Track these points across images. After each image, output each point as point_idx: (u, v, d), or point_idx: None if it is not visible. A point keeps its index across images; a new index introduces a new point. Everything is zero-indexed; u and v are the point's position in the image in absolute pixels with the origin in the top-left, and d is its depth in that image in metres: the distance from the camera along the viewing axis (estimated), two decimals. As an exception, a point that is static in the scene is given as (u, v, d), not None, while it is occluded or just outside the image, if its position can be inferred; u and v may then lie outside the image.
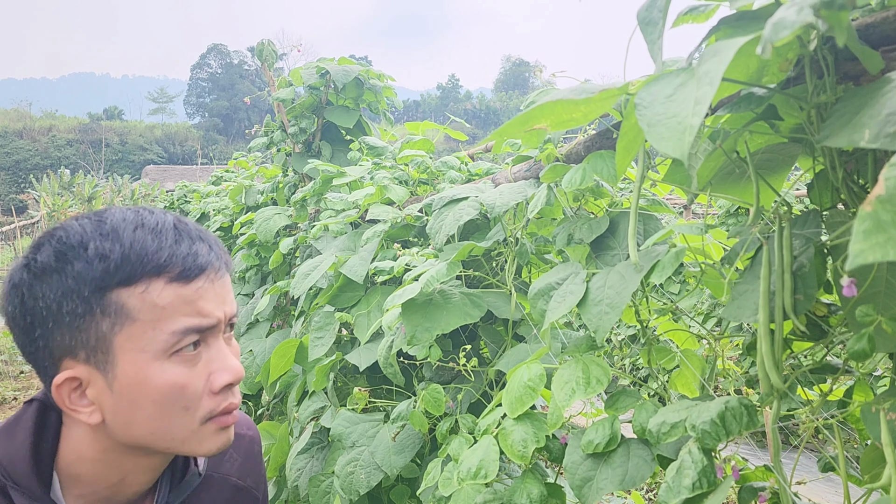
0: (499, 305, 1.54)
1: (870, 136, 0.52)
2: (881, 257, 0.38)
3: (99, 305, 0.71)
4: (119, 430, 0.75)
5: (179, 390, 0.74)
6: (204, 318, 0.75)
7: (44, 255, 0.72)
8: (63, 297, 0.71)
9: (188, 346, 0.74)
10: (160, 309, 0.72)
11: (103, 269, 0.71)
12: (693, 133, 0.53)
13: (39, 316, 0.71)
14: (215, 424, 0.78)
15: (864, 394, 0.88)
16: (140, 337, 0.72)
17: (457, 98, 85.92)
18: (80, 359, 0.73)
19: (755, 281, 0.73)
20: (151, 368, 0.73)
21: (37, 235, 0.74)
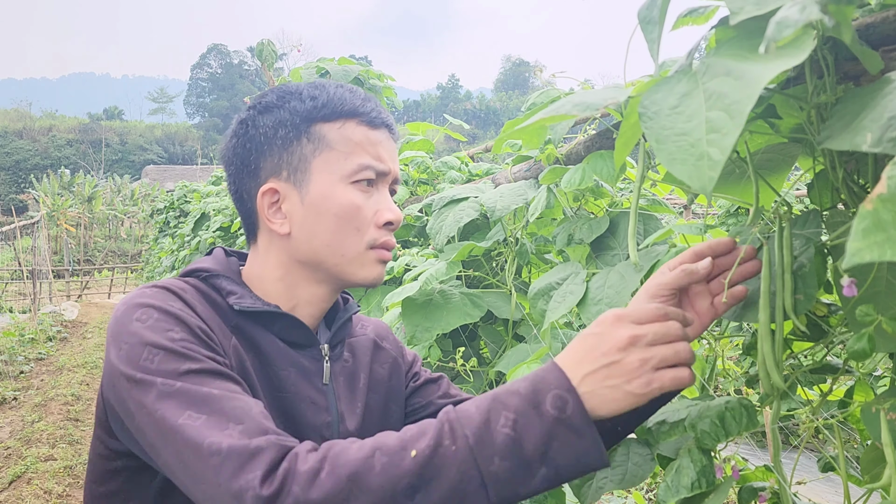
0: (499, 305, 1.54)
1: (872, 141, 0.52)
2: (878, 256, 0.38)
3: (305, 133, 0.89)
4: (302, 242, 0.91)
5: (355, 210, 0.89)
6: (381, 162, 0.91)
7: (269, 97, 0.92)
8: (279, 124, 0.90)
9: (365, 180, 0.90)
10: (352, 143, 0.89)
11: (312, 105, 0.90)
12: (716, 168, 0.50)
13: (258, 140, 0.91)
14: (376, 254, 0.92)
15: (864, 394, 0.88)
16: (333, 162, 0.89)
17: (457, 98, 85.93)
18: (282, 178, 0.90)
19: (755, 281, 0.73)
20: (337, 188, 0.89)
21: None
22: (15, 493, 4.59)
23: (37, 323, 10.87)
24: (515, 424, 0.68)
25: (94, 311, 14.58)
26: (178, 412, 0.72)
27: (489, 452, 0.67)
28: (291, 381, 0.90)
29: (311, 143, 0.89)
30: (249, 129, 0.91)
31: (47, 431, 5.88)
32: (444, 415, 0.71)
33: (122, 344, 0.77)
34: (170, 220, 7.95)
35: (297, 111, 0.90)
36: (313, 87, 0.92)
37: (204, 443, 0.69)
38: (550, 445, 0.67)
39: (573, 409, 0.68)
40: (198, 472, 0.70)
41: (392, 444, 0.69)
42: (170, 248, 6.76)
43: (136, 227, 25.85)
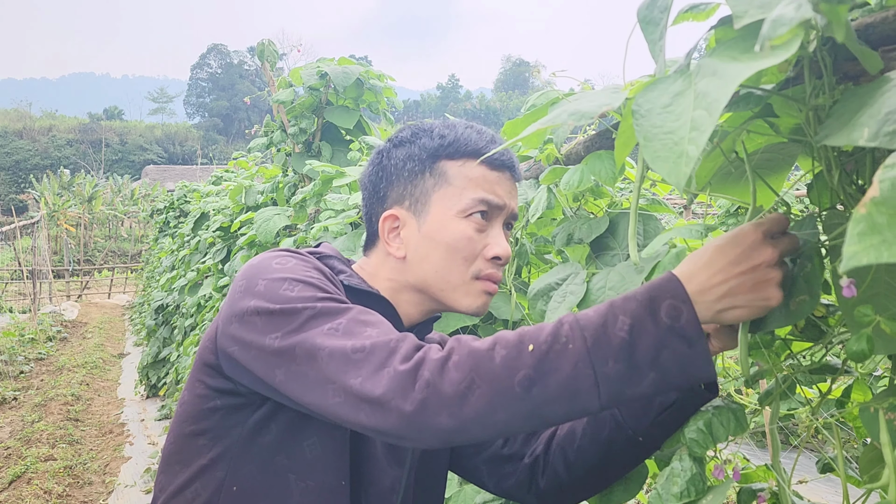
0: (499, 306, 1.54)
1: (869, 135, 0.52)
2: (875, 259, 0.38)
3: (430, 168, 0.97)
4: (414, 265, 0.98)
5: (466, 241, 0.95)
6: (496, 197, 0.97)
7: (404, 133, 1.02)
8: (408, 158, 0.99)
9: (478, 213, 0.95)
10: (469, 180, 0.96)
11: (440, 144, 0.98)
12: (691, 163, 0.51)
13: (388, 171, 1.00)
14: (481, 285, 0.97)
15: (862, 393, 0.88)
16: (450, 196, 0.96)
17: (457, 98, 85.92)
18: (405, 206, 0.99)
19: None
20: (452, 221, 0.95)
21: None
22: (15, 493, 4.59)
23: (37, 323, 10.87)
24: (632, 329, 0.70)
25: (94, 311, 14.58)
26: (321, 331, 0.80)
27: (605, 354, 0.70)
28: None
29: (434, 177, 0.97)
30: (384, 159, 1.01)
31: (47, 431, 5.89)
32: (564, 317, 0.75)
33: (259, 282, 0.86)
34: (170, 220, 7.95)
35: (426, 147, 0.98)
36: (444, 127, 1.00)
37: (348, 345, 0.77)
38: (661, 353, 0.69)
39: (686, 320, 0.70)
40: (337, 373, 0.76)
41: (511, 339, 0.74)
42: (170, 248, 6.76)
43: (136, 227, 25.85)
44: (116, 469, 5.24)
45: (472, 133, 0.99)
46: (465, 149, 0.97)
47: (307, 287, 0.85)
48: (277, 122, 3.39)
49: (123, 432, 6.21)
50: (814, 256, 0.71)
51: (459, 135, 0.98)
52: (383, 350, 0.76)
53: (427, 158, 0.97)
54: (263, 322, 0.82)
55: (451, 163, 0.97)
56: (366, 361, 0.75)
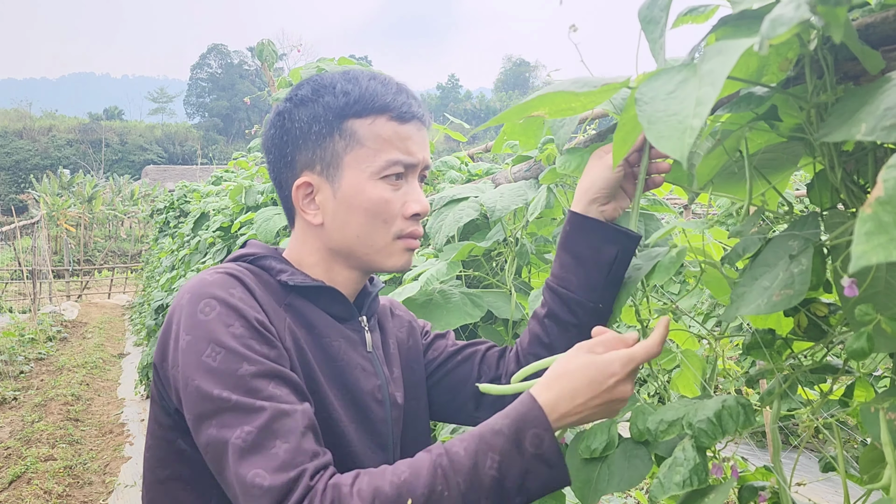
0: (499, 305, 1.54)
1: (866, 129, 0.52)
2: (884, 258, 0.38)
3: (338, 130, 0.93)
4: (334, 232, 0.96)
5: (384, 204, 0.94)
6: (409, 156, 0.95)
7: (304, 90, 0.96)
8: (313, 119, 0.94)
9: (393, 175, 0.94)
10: (382, 140, 0.93)
11: (345, 102, 0.93)
12: (694, 135, 0.52)
13: (293, 134, 0.95)
14: (403, 244, 0.97)
15: (865, 392, 0.88)
16: (364, 159, 0.93)
17: (457, 98, 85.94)
18: (316, 171, 0.95)
19: (753, 282, 0.73)
20: (367, 184, 0.93)
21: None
22: (15, 493, 4.59)
23: (37, 323, 10.87)
24: (500, 466, 0.78)
25: (94, 311, 14.58)
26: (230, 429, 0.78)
27: (478, 496, 0.77)
28: (343, 351, 0.97)
29: (343, 139, 0.93)
30: (286, 121, 0.96)
31: (47, 431, 5.89)
32: (437, 458, 0.78)
33: (187, 334, 0.84)
34: (170, 220, 7.95)
35: (330, 107, 0.93)
36: (346, 80, 0.95)
37: (249, 471, 0.76)
38: (526, 478, 0.79)
39: (548, 446, 0.80)
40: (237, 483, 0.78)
41: (390, 492, 0.75)
42: (170, 248, 6.76)
43: (136, 227, 25.85)
44: (116, 469, 5.24)
45: (377, 85, 0.95)
46: (372, 104, 0.93)
47: (229, 357, 0.81)
48: (277, 122, 3.39)
49: (123, 432, 6.21)
50: (812, 255, 0.71)
51: (364, 89, 0.94)
52: (280, 490, 0.75)
53: (333, 119, 0.93)
54: (183, 389, 0.83)
55: (360, 121, 0.93)
56: (263, 497, 0.75)
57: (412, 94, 0.98)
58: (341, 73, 0.97)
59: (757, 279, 0.73)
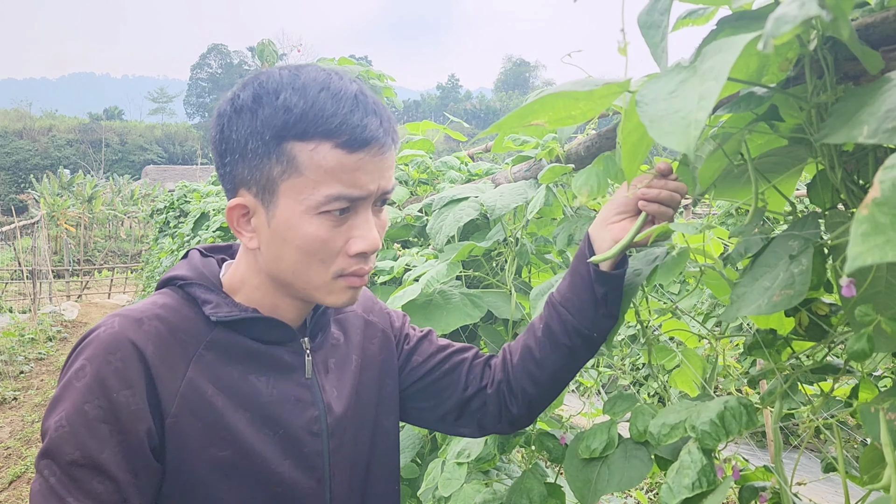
0: (499, 305, 1.54)
1: (868, 132, 0.52)
2: (880, 259, 0.38)
3: (275, 152, 0.81)
4: (269, 263, 0.87)
5: (320, 244, 0.83)
6: (356, 189, 0.82)
7: (245, 94, 0.83)
8: (250, 135, 0.81)
9: (336, 210, 0.82)
10: (323, 171, 0.80)
11: (285, 119, 0.80)
12: (699, 127, 0.52)
13: (231, 145, 0.83)
14: (345, 282, 0.88)
15: (869, 392, 0.88)
16: (300, 190, 0.81)
17: (457, 98, 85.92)
18: (252, 192, 0.84)
19: (753, 282, 0.73)
20: (302, 219, 0.82)
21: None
22: (15, 493, 4.59)
23: (37, 323, 10.87)
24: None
25: (94, 311, 14.58)
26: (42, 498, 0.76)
27: None
28: (272, 384, 0.90)
29: (280, 164, 0.81)
30: (224, 128, 0.84)
31: (47, 431, 5.88)
32: None
33: (60, 383, 0.81)
34: (170, 220, 7.94)
35: (268, 124, 0.80)
36: (293, 90, 0.81)
37: None
38: None
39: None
40: None
41: None
42: (170, 248, 6.76)
43: (136, 227, 25.85)
44: (116, 469, 5.23)
45: (326, 101, 0.80)
46: (315, 127, 0.79)
47: (67, 437, 0.77)
48: (277, 122, 3.39)
49: (123, 432, 6.20)
50: (812, 256, 0.71)
51: (309, 106, 0.80)
52: None
53: (271, 140, 0.80)
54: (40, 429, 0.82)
55: (300, 145, 0.80)
56: None
57: (373, 110, 0.83)
58: (292, 73, 0.83)
59: (757, 279, 0.73)
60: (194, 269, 0.92)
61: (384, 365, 1.06)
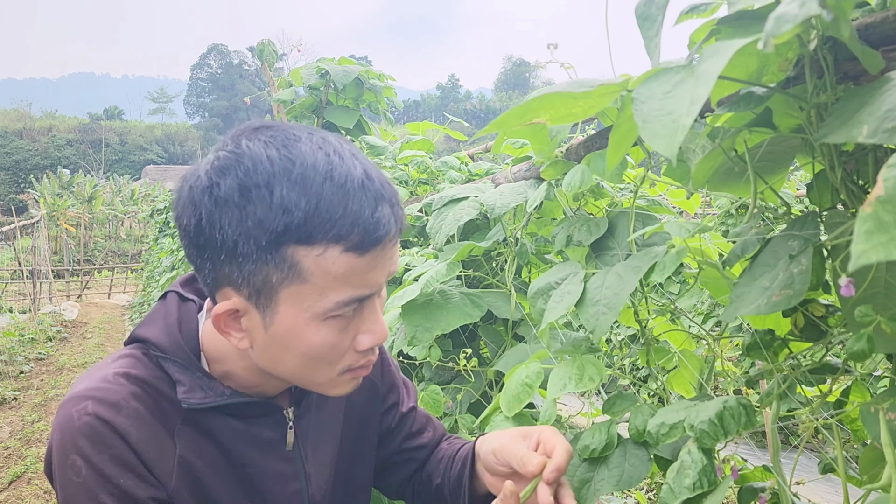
0: (499, 305, 1.54)
1: (868, 132, 0.52)
2: (884, 257, 0.39)
3: (273, 257, 0.69)
4: (265, 363, 0.79)
5: (329, 349, 0.76)
6: (368, 288, 0.74)
7: (228, 185, 0.69)
8: (240, 236, 0.69)
9: (347, 313, 0.75)
10: (332, 277, 0.71)
11: (286, 223, 0.68)
12: (685, 133, 0.53)
13: (213, 243, 0.71)
14: (351, 375, 0.81)
15: (860, 394, 0.88)
16: (306, 297, 0.72)
17: (457, 98, 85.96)
18: (243, 294, 0.73)
19: (752, 282, 0.73)
20: (308, 326, 0.74)
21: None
22: (15, 493, 4.59)
23: (37, 323, 10.87)
24: None
25: (94, 311, 14.58)
26: None
27: None
28: (254, 461, 0.86)
29: (280, 270, 0.70)
30: (203, 222, 0.71)
31: (47, 431, 5.88)
32: None
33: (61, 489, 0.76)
34: (170, 220, 7.94)
35: (264, 226, 0.68)
36: (290, 185, 0.68)
37: None
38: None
39: None
40: None
41: None
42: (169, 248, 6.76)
43: (136, 227, 25.85)
44: (116, 469, 5.24)
45: (333, 197, 0.68)
46: (323, 231, 0.68)
47: None
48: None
49: (123, 432, 6.21)
50: (811, 255, 0.71)
51: (314, 206, 0.68)
52: None
53: (267, 245, 0.69)
54: None
55: (305, 250, 0.69)
56: None
57: (381, 194, 0.72)
58: (283, 156, 0.69)
59: (757, 279, 0.73)
60: (170, 335, 0.83)
61: (367, 414, 1.04)
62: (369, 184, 0.72)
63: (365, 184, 0.71)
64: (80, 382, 0.79)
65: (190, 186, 0.72)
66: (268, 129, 0.73)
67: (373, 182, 0.72)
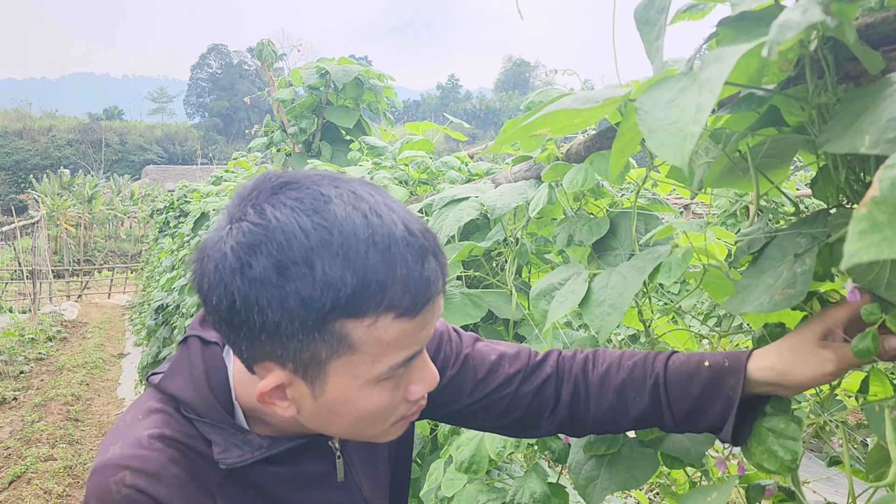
0: (499, 305, 1.54)
1: (870, 142, 0.53)
2: (876, 256, 0.39)
3: (321, 334, 0.66)
4: (312, 426, 0.77)
5: (384, 408, 0.73)
6: (420, 345, 0.72)
7: (262, 264, 0.64)
8: (283, 317, 0.65)
9: (400, 373, 0.72)
10: (384, 344, 0.68)
11: (333, 299, 0.64)
12: (694, 141, 0.52)
13: (251, 323, 0.66)
14: (402, 422, 0.79)
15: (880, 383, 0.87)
16: (357, 366, 0.69)
17: (457, 98, 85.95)
18: (288, 368, 0.70)
19: (759, 276, 0.73)
20: (361, 392, 0.71)
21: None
22: (15, 493, 4.60)
23: (37, 323, 10.87)
24: None
25: (94, 311, 14.58)
26: None
27: None
28: (305, 498, 0.83)
29: (328, 345, 0.67)
30: (238, 304, 0.66)
31: (47, 431, 5.89)
32: None
33: None
34: (170, 220, 7.94)
35: (308, 304, 0.64)
36: (332, 259, 0.63)
37: None
38: None
39: None
40: None
41: None
42: (170, 248, 6.76)
43: (136, 227, 25.84)
44: (116, 469, 5.23)
45: (378, 266, 0.64)
46: (374, 302, 0.65)
47: None
48: (277, 122, 3.40)
49: (123, 432, 6.20)
50: (815, 255, 0.71)
51: (361, 279, 0.64)
52: None
53: (314, 324, 0.65)
54: None
55: (354, 323, 0.65)
56: None
57: (425, 247, 0.68)
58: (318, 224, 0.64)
59: (763, 273, 0.73)
60: (198, 392, 0.78)
61: None
62: (413, 240, 0.67)
63: (408, 241, 0.67)
64: (112, 445, 0.75)
65: (216, 265, 0.67)
66: (290, 190, 0.67)
67: (415, 237, 0.68)
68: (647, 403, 0.86)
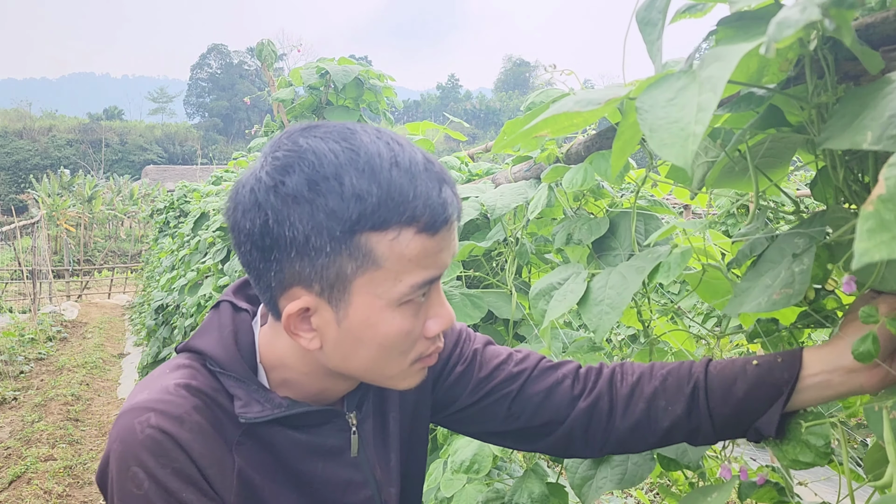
0: (499, 305, 1.54)
1: (872, 139, 0.52)
2: (887, 255, 0.39)
3: (347, 247, 0.70)
4: (336, 362, 0.79)
5: (404, 336, 0.76)
6: (438, 270, 0.75)
7: (294, 181, 0.70)
8: (312, 230, 0.70)
9: (420, 296, 0.75)
10: (406, 260, 0.72)
11: (359, 210, 0.69)
12: (697, 141, 0.52)
13: (282, 241, 0.71)
14: (420, 364, 0.81)
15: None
16: (380, 284, 0.72)
17: (457, 98, 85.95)
18: (314, 290, 0.73)
19: (757, 278, 0.73)
20: (383, 314, 0.74)
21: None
22: (15, 493, 4.60)
23: (37, 323, 10.87)
24: None
25: (94, 311, 14.58)
26: None
27: None
28: (318, 471, 0.85)
29: (354, 259, 0.71)
30: (270, 220, 0.71)
31: (47, 431, 5.89)
32: None
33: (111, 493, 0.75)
34: (170, 220, 7.95)
35: (337, 216, 0.69)
36: (359, 174, 0.69)
37: None
38: None
39: None
40: None
41: None
42: (170, 248, 6.76)
43: (136, 227, 25.85)
44: (116, 469, 5.23)
45: (402, 181, 0.70)
46: (397, 214, 0.69)
47: None
48: (277, 122, 3.39)
49: (123, 432, 6.20)
50: (813, 255, 0.71)
51: (386, 191, 0.69)
52: None
53: (341, 235, 0.69)
54: None
55: (379, 236, 0.70)
56: None
57: (443, 178, 0.74)
58: (347, 148, 0.71)
59: (761, 275, 0.73)
60: (225, 348, 0.82)
61: (417, 409, 0.99)
62: (431, 167, 0.73)
63: (428, 167, 0.73)
64: (140, 392, 0.78)
65: (251, 189, 0.72)
66: (319, 128, 0.74)
67: (434, 165, 0.74)
68: (682, 412, 0.84)
